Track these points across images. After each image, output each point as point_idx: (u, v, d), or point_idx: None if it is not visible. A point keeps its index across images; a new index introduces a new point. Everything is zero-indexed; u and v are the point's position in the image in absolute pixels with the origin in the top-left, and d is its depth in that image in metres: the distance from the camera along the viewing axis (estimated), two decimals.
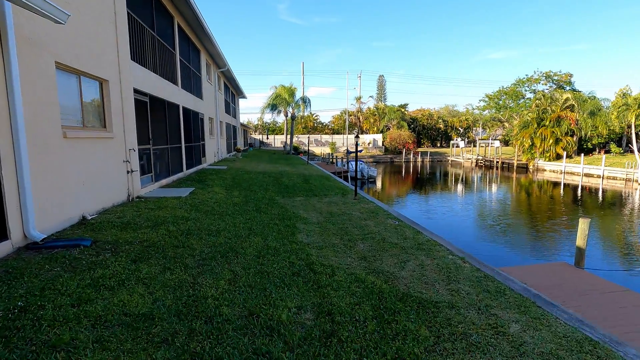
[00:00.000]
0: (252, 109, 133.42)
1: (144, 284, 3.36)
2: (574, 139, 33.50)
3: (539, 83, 54.67)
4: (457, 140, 51.42)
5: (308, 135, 49.17)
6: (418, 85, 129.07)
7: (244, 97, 33.66)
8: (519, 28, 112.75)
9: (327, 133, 63.49)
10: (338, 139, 55.47)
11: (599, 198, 20.59)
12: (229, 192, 9.33)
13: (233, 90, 28.77)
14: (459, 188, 24.94)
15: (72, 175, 5.15)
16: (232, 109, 27.63)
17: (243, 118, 55.14)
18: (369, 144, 52.02)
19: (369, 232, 6.18)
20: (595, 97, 35.38)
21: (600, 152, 34.95)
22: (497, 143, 41.86)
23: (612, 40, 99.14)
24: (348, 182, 21.15)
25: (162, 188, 9.01)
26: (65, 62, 5.08)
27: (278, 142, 55.94)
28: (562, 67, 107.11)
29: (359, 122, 60.55)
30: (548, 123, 33.87)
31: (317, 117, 69.79)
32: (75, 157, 5.26)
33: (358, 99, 60.73)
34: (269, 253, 4.65)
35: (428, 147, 60.55)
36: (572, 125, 33.02)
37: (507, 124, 57.13)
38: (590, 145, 35.71)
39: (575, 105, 33.62)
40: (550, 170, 33.24)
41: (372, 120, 58.77)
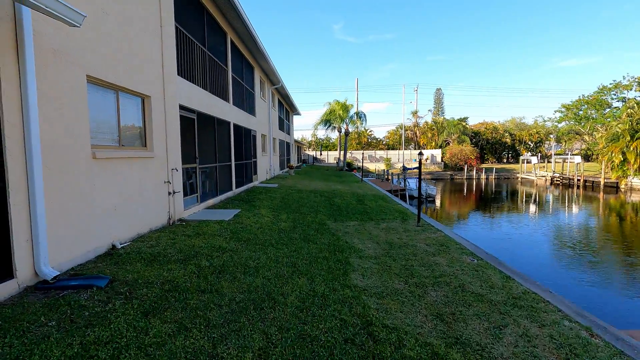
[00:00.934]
0: (306, 126, 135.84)
1: (146, 356, 2.51)
2: None
3: (631, 90, 47.81)
4: (527, 156, 46.57)
5: (362, 151, 48.03)
6: (479, 98, 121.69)
7: (298, 114, 33.75)
8: (599, 33, 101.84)
9: (381, 149, 61.79)
10: (393, 155, 53.52)
11: None
12: (276, 214, 8.55)
13: (287, 107, 28.85)
14: (534, 209, 21.88)
15: (101, 200, 4.65)
16: (285, 126, 27.62)
17: (297, 134, 55.91)
18: (427, 160, 49.33)
19: (441, 273, 4.88)
20: None
21: None
22: (577, 158, 36.91)
23: None
24: (406, 202, 19.56)
25: (207, 209, 8.50)
26: (100, 76, 4.66)
27: (331, 158, 55.52)
28: None
29: (416, 137, 58.02)
30: None
31: (371, 132, 68.52)
32: (107, 179, 4.77)
33: (414, 113, 58.43)
34: (315, 304, 3.62)
35: (493, 163, 55.92)
36: None
37: (587, 137, 50.72)
38: None
39: None
40: None
41: (429, 135, 55.95)
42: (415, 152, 54.13)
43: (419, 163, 8.49)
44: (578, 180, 33.83)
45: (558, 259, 11.32)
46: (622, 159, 30.16)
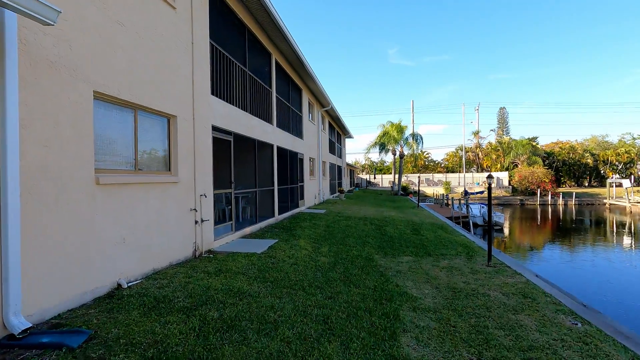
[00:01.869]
0: (359, 150, 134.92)
1: None
2: None
3: None
4: (616, 178, 40.32)
5: (418, 175, 45.50)
6: (549, 115, 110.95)
7: (350, 137, 33.03)
8: None
9: (439, 172, 58.43)
10: (453, 178, 50.09)
11: None
12: (317, 246, 7.53)
13: (338, 130, 28.28)
14: (634, 244, 18.10)
15: (105, 232, 4.05)
16: (337, 149, 26.95)
17: (350, 158, 55.12)
18: (493, 184, 45.16)
19: (531, 344, 3.44)
20: None
21: None
22: None
23: None
24: (470, 231, 17.34)
25: (242, 238, 7.78)
26: (112, 93, 4.19)
27: (386, 181, 53.62)
28: None
29: (478, 158, 53.98)
30: None
31: (428, 154, 65.41)
32: (114, 207, 4.19)
33: (476, 134, 54.66)
34: None
35: (571, 186, 49.71)
36: None
37: None
38: None
39: None
40: None
41: (494, 157, 51.64)
42: (478, 175, 50.09)
43: (489, 188, 6.99)
44: None
45: None
46: None
